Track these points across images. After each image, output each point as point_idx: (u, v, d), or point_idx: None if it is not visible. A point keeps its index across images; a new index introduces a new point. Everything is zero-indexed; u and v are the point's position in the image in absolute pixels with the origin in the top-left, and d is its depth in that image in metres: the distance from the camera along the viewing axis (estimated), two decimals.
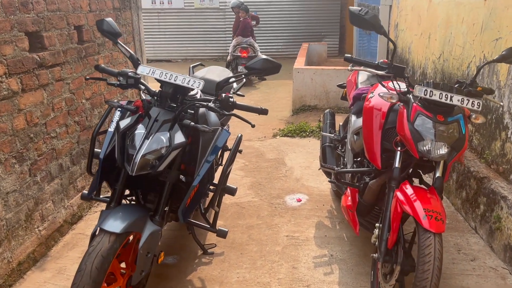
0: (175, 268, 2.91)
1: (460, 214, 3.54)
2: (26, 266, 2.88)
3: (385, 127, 2.54)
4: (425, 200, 2.17)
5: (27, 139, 2.88)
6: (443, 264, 2.86)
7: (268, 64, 2.31)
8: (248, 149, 5.22)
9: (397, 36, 6.19)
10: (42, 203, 3.05)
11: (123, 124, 2.22)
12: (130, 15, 4.57)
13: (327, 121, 3.84)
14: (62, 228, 3.31)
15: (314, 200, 3.87)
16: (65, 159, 3.33)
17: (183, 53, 12.91)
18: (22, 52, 2.80)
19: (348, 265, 2.93)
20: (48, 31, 3.08)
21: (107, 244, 1.98)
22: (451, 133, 2.25)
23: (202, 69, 3.52)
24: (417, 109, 2.28)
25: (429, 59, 4.74)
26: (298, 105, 6.86)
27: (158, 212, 2.27)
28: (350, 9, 2.38)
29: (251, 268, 2.90)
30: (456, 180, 3.64)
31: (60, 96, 3.25)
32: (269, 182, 4.26)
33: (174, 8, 12.65)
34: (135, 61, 2.40)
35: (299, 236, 3.29)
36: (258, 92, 8.76)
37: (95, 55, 3.78)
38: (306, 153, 5.01)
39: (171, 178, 2.28)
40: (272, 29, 12.75)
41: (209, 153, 2.43)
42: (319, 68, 6.82)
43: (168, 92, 2.29)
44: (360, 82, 3.38)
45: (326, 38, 12.51)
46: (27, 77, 2.86)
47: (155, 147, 2.14)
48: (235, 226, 3.44)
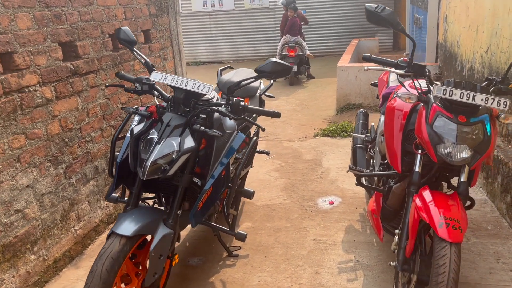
0: (199, 270, 2.96)
1: (505, 220, 3.28)
2: (62, 264, 3.05)
3: (407, 129, 2.41)
4: (444, 206, 2.03)
5: (62, 143, 3.05)
6: (479, 274, 2.69)
7: (278, 66, 2.27)
8: (286, 150, 5.18)
9: (446, 29, 5.85)
10: (77, 204, 3.22)
11: (137, 129, 2.29)
12: (168, 20, 4.69)
13: (359, 121, 3.72)
14: (98, 227, 3.47)
15: (347, 202, 3.77)
16: (100, 161, 3.49)
17: (234, 54, 13.07)
18: (56, 61, 2.97)
19: (374, 272, 2.82)
20: (82, 41, 3.24)
21: (117, 247, 2.05)
22: (475, 134, 2.09)
23: (229, 72, 3.54)
24: (437, 109, 2.14)
25: (477, 53, 4.43)
26: (343, 104, 6.70)
27: (171, 215, 2.31)
28: (366, 6, 2.29)
29: (273, 272, 2.88)
30: (501, 183, 3.38)
31: (95, 102, 3.41)
32: (303, 183, 4.20)
33: (225, 10, 12.85)
34: (150, 68, 2.46)
35: (327, 240, 3.21)
36: (305, 90, 8.67)
37: (131, 61, 3.92)
38: (345, 154, 4.88)
39: (183, 182, 2.31)
40: (322, 26, 12.56)
41: (223, 156, 2.43)
42: (363, 65, 6.59)
43: (180, 98, 2.33)
44: (391, 81, 3.24)
45: (378, 33, 12.11)
46: (61, 85, 3.03)
47: (166, 152, 2.18)
48: (263, 228, 3.43)
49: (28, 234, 2.74)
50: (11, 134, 2.59)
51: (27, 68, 2.70)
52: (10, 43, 2.58)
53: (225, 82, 3.26)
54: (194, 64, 12.89)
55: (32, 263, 2.77)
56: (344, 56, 7.74)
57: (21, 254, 2.68)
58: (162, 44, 4.55)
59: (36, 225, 2.80)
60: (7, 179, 2.57)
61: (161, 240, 2.19)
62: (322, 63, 11.22)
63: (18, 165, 2.65)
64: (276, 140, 5.60)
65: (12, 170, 2.60)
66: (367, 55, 2.50)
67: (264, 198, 3.94)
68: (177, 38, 4.91)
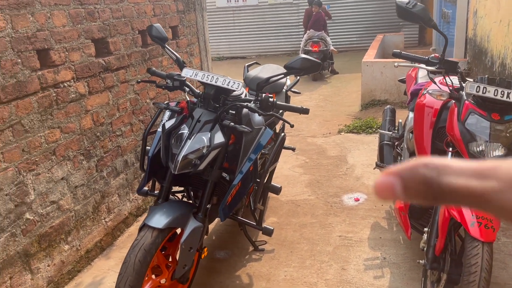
0: (226, 263, 3.00)
1: None
2: (93, 254, 3.15)
3: (437, 126, 2.39)
4: None
5: (94, 137, 3.13)
6: (508, 274, 2.66)
7: (307, 63, 2.28)
8: (311, 146, 5.18)
9: (476, 24, 5.73)
10: (108, 196, 3.31)
11: (168, 124, 2.34)
12: (195, 17, 4.74)
13: (387, 117, 3.69)
14: (128, 219, 3.56)
15: (373, 200, 3.75)
16: (130, 155, 3.57)
17: (257, 49, 13.07)
18: (89, 57, 3.05)
19: (401, 270, 2.81)
20: (113, 37, 3.31)
21: (150, 239, 2.10)
22: (509, 133, 2.06)
23: (256, 68, 3.56)
24: (469, 107, 2.12)
25: (509, 48, 4.33)
26: (367, 99, 6.65)
27: (201, 209, 2.36)
28: (397, 2, 2.27)
29: (299, 267, 2.90)
30: None
31: (125, 97, 3.49)
32: (328, 180, 4.20)
33: (248, 5, 12.85)
34: (181, 64, 2.51)
35: (352, 237, 3.21)
36: (329, 86, 8.62)
37: (159, 57, 3.99)
38: (370, 151, 4.85)
39: (213, 176, 2.36)
40: (346, 20, 12.43)
41: (252, 152, 2.46)
42: (389, 60, 6.54)
43: (210, 94, 2.36)
44: (420, 77, 3.21)
45: (404, 28, 11.91)
46: (94, 81, 3.11)
47: (197, 147, 2.22)
48: (288, 224, 3.45)
49: (63, 224, 2.83)
50: (47, 128, 2.68)
51: (62, 64, 2.79)
52: (47, 40, 2.66)
53: (252, 78, 3.28)
54: (217, 59, 12.96)
55: (66, 253, 2.87)
56: (369, 51, 7.66)
57: (55, 244, 2.78)
58: (189, 40, 4.61)
59: (70, 216, 2.90)
60: (43, 171, 2.66)
61: (191, 233, 2.24)
62: (345, 59, 11.12)
63: (53, 158, 2.74)
64: (300, 136, 5.61)
65: (48, 163, 2.70)
66: (397, 52, 2.48)
67: (289, 193, 3.96)
68: (203, 34, 4.95)
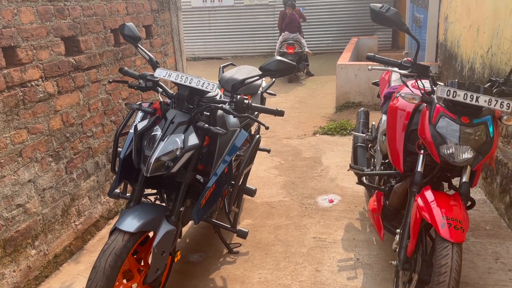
0: (200, 266, 2.97)
1: (504, 220, 3.31)
2: (62, 259, 3.05)
3: (409, 129, 2.42)
4: (446, 207, 2.05)
5: (63, 138, 3.04)
6: (478, 273, 2.72)
7: (282, 65, 2.28)
8: (286, 147, 5.19)
9: (447, 29, 5.86)
10: (78, 199, 3.22)
11: (141, 126, 2.29)
12: (169, 16, 4.68)
13: (360, 120, 3.73)
14: (99, 223, 3.47)
15: (347, 201, 3.78)
16: (101, 157, 3.49)
17: (233, 50, 13.05)
18: (58, 56, 2.96)
19: (373, 270, 2.84)
20: (84, 35, 3.23)
21: (121, 243, 2.05)
22: (478, 135, 2.11)
23: (231, 69, 3.54)
24: (440, 110, 2.16)
25: (478, 53, 4.45)
26: (342, 102, 6.71)
27: (174, 212, 2.32)
28: (371, 6, 2.30)
29: (273, 269, 2.89)
30: (500, 183, 3.41)
31: (97, 97, 3.40)
32: (303, 181, 4.21)
33: (224, 5, 12.81)
34: (154, 64, 2.46)
35: (327, 238, 3.23)
36: (304, 88, 8.67)
37: (132, 57, 3.91)
38: (344, 152, 4.89)
39: (186, 178, 2.32)
40: (321, 23, 12.55)
41: (226, 154, 2.44)
42: (363, 63, 6.62)
43: (184, 95, 2.33)
44: (393, 80, 3.25)
45: (378, 32, 12.11)
46: (63, 80, 3.02)
47: (170, 149, 2.18)
48: (263, 226, 3.44)
49: (29, 228, 2.74)
50: (13, 129, 2.59)
51: (29, 62, 2.70)
52: (13, 37, 2.57)
53: (227, 79, 3.26)
54: (193, 59, 12.87)
55: (33, 258, 2.77)
56: (344, 54, 7.75)
57: (22, 249, 2.68)
58: (163, 40, 4.54)
59: (37, 220, 2.80)
60: (9, 173, 2.56)
61: (163, 236, 2.20)
62: (321, 61, 11.22)
63: (20, 160, 2.65)
64: (275, 137, 5.61)
65: (14, 165, 2.60)
66: (371, 55, 2.51)
67: (264, 195, 3.95)
68: (178, 34, 4.90)
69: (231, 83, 2.45)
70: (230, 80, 3.17)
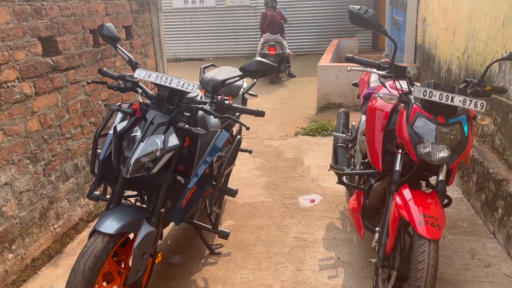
0: (181, 268, 2.95)
1: (480, 218, 3.39)
2: (40, 262, 3.00)
3: (388, 129, 2.46)
4: (423, 204, 2.09)
5: (41, 140, 2.99)
6: (455, 270, 2.77)
7: (262, 65, 2.29)
8: (268, 148, 5.20)
9: (424, 31, 5.97)
10: (57, 202, 3.17)
11: (120, 127, 2.27)
12: (149, 17, 4.65)
13: (340, 120, 3.78)
14: (78, 226, 3.43)
15: (328, 201, 3.82)
16: (80, 159, 3.44)
17: (215, 51, 13.03)
18: (35, 57, 2.92)
19: (354, 269, 2.87)
20: (62, 36, 3.19)
21: (100, 245, 2.03)
22: (453, 135, 2.16)
23: (212, 70, 3.54)
24: (417, 110, 2.20)
25: (454, 55, 4.55)
26: (323, 103, 6.77)
27: (154, 213, 2.31)
28: (350, 8, 2.33)
29: (255, 270, 2.90)
30: (476, 182, 3.49)
31: (75, 98, 3.36)
32: (285, 182, 4.23)
33: (206, 7, 12.79)
34: (134, 65, 2.45)
35: (308, 238, 3.25)
36: (286, 89, 8.71)
37: (112, 57, 3.88)
38: (325, 153, 4.94)
39: (167, 180, 2.31)
40: (303, 25, 12.63)
41: (207, 154, 2.44)
42: (343, 65, 6.69)
43: (164, 95, 2.32)
44: (372, 81, 3.30)
45: (358, 34, 12.25)
46: (41, 81, 2.97)
47: (150, 150, 2.17)
48: (245, 226, 3.44)
49: (6, 232, 2.68)
50: None
51: (5, 63, 2.65)
52: None
53: (208, 80, 3.25)
54: (174, 61, 12.80)
55: (10, 262, 2.72)
56: (325, 55, 7.82)
57: None
58: (143, 41, 4.51)
59: (14, 223, 2.75)
60: None
61: (144, 238, 2.19)
62: (302, 62, 11.29)
63: None
64: (257, 138, 5.62)
65: None
66: (350, 56, 2.54)
67: (246, 196, 3.96)
68: (158, 35, 4.87)
69: (212, 84, 2.45)
70: (211, 81, 3.17)
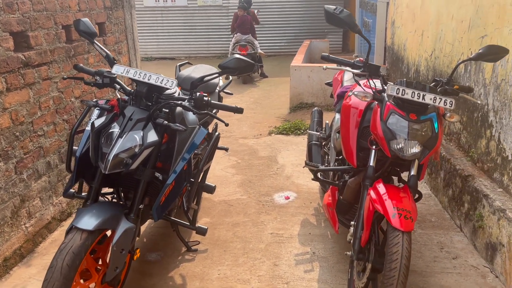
0: (158, 265, 2.95)
1: (447, 212, 3.53)
2: (12, 262, 2.93)
3: (362, 126, 2.54)
4: (396, 198, 2.17)
5: (13, 137, 2.93)
6: (424, 262, 2.89)
7: (241, 63, 2.33)
8: (242, 147, 5.24)
9: (394, 33, 6.15)
10: (29, 200, 3.10)
11: (98, 122, 2.26)
12: (123, 14, 4.61)
13: (314, 119, 3.85)
14: (50, 225, 3.36)
15: (302, 197, 3.89)
16: (53, 157, 3.38)
17: (187, 50, 12.96)
18: (7, 51, 2.85)
19: (329, 263, 2.94)
20: (34, 31, 3.12)
21: (79, 242, 2.01)
22: (424, 131, 2.25)
23: (188, 68, 3.54)
24: (390, 107, 2.29)
25: (422, 56, 4.71)
26: (296, 102, 6.86)
27: (133, 209, 2.30)
28: (325, 8, 2.39)
29: (232, 265, 2.93)
30: (443, 178, 3.63)
31: (48, 95, 3.30)
32: (260, 179, 4.28)
33: (177, 6, 12.70)
34: (111, 61, 2.43)
35: (284, 234, 3.31)
36: (258, 89, 8.77)
37: (85, 54, 3.82)
38: (299, 151, 5.02)
39: (145, 176, 2.31)
40: (274, 26, 12.73)
41: (185, 151, 2.45)
42: (316, 65, 6.81)
43: (142, 91, 2.32)
44: (345, 80, 3.39)
45: (329, 35, 12.45)
46: (12, 76, 2.91)
47: (128, 146, 2.17)
48: (221, 223, 3.47)
49: None
50: None
51: None
52: None
53: (185, 78, 3.26)
54: (145, 59, 12.64)
55: None
56: (297, 56, 7.92)
57: None
58: (116, 38, 4.46)
59: None
60: None
61: (123, 234, 2.18)
62: (274, 63, 11.38)
63: None
64: (231, 137, 5.65)
65: None
66: (325, 55, 2.61)
67: (222, 194, 3.98)
68: (132, 33, 4.83)
69: (188, 81, 2.46)
70: (188, 78, 3.18)
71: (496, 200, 2.79)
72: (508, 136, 2.84)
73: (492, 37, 3.08)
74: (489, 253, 2.83)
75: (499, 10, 2.98)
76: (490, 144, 3.09)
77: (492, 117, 3.07)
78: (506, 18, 2.89)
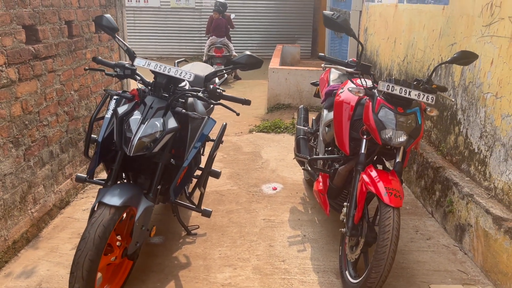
0: (162, 247, 3.15)
1: (419, 201, 3.93)
2: (19, 245, 3.06)
3: (353, 119, 2.87)
4: (386, 180, 2.50)
5: (23, 125, 3.06)
6: (403, 242, 3.24)
7: (252, 59, 2.59)
8: (226, 143, 5.48)
9: (366, 40, 6.60)
10: (34, 187, 3.23)
11: (121, 110, 2.46)
12: (115, 12, 4.77)
13: (301, 115, 4.17)
14: (52, 211, 3.49)
15: (289, 188, 4.19)
16: (55, 146, 3.51)
17: (159, 51, 13.05)
18: (20, 44, 2.99)
19: (319, 244, 3.25)
20: (42, 25, 3.27)
21: (108, 216, 2.22)
22: (409, 123, 2.60)
23: (186, 65, 3.77)
24: (381, 102, 2.62)
25: (395, 61, 5.14)
26: (273, 103, 7.18)
27: (151, 190, 2.52)
28: (324, 13, 2.70)
29: (231, 246, 3.18)
30: (416, 170, 4.04)
31: (52, 87, 3.44)
32: (247, 172, 4.55)
33: (150, 6, 12.78)
34: (131, 54, 2.64)
35: (275, 220, 3.59)
36: (234, 91, 9.03)
37: (83, 49, 3.97)
38: (281, 148, 5.32)
39: (163, 159, 2.53)
40: (247, 30, 13.05)
41: (197, 140, 2.69)
42: (293, 68, 7.16)
43: (162, 83, 2.54)
44: (332, 80, 3.72)
45: (299, 41, 12.91)
46: (24, 68, 3.04)
47: (151, 131, 2.39)
48: (216, 211, 3.71)
49: None
50: None
51: None
52: None
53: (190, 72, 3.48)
54: None
55: None
56: (274, 59, 8.25)
57: None
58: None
59: None
60: None
61: (144, 211, 2.39)
62: None
63: None
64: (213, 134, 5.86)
65: None
66: (322, 55, 2.92)
67: (213, 185, 4.21)
68: (122, 30, 4.98)
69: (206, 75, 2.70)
70: None
71: (464, 187, 3.19)
72: (475, 132, 3.25)
73: (460, 44, 3.51)
74: (459, 233, 3.23)
75: (468, 20, 3.41)
76: (459, 139, 3.50)
77: (461, 115, 3.49)
78: (474, 28, 3.31)
